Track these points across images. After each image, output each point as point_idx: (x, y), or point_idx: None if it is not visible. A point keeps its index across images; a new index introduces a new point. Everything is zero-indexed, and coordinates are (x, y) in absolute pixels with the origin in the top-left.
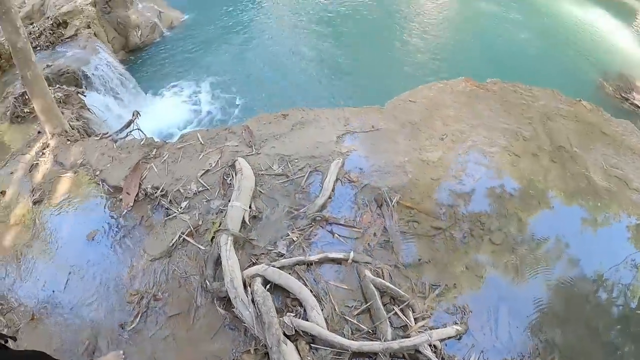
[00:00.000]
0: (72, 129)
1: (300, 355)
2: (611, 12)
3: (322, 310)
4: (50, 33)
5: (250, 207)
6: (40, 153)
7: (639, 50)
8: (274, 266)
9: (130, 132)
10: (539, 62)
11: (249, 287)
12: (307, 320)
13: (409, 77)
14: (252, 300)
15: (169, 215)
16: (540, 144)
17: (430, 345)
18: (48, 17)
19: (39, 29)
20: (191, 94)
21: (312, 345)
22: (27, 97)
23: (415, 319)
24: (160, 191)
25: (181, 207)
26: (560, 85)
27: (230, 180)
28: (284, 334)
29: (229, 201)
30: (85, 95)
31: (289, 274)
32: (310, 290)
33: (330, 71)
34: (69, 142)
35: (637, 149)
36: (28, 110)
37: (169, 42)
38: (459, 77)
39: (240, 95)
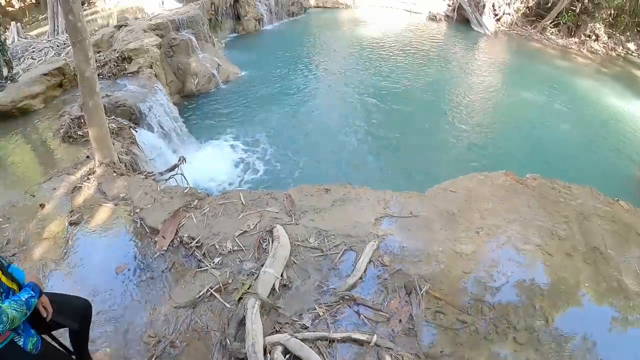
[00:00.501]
0: (120, 161)
1: None
2: None
3: None
4: (114, 65)
5: (282, 275)
6: (86, 178)
7: None
8: (296, 337)
9: (174, 175)
10: (579, 153)
11: (268, 354)
12: None
13: (451, 163)
14: None
15: (201, 267)
16: (574, 244)
17: None
18: (115, 50)
19: (104, 58)
20: (237, 148)
21: None
22: (82, 121)
23: None
24: (196, 242)
25: (214, 262)
26: (599, 177)
27: (266, 245)
28: None
29: (262, 266)
30: (136, 131)
31: (310, 347)
32: None
33: (376, 146)
34: (115, 174)
35: None
36: (81, 134)
37: (223, 94)
38: (499, 170)
39: (286, 157)
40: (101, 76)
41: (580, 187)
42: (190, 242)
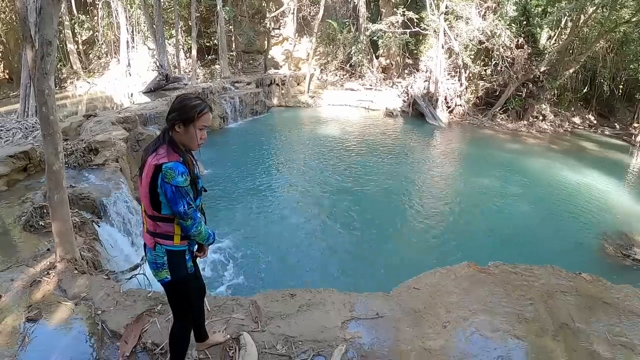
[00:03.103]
0: (82, 258)
1: None
2: (604, 173)
3: None
4: (80, 155)
5: None
6: (46, 272)
7: (633, 206)
8: None
9: (135, 275)
10: (540, 232)
11: None
12: None
13: (415, 257)
14: None
15: None
16: (542, 324)
17: None
18: (82, 140)
19: (71, 148)
20: None
21: None
22: (45, 211)
23: None
24: (160, 349)
25: None
26: (562, 253)
27: (232, 353)
28: None
29: None
30: (99, 226)
31: None
32: None
33: (340, 244)
34: (76, 272)
35: None
36: (43, 224)
37: None
38: (462, 261)
39: (250, 257)
40: (67, 165)
41: (541, 267)
42: (154, 349)
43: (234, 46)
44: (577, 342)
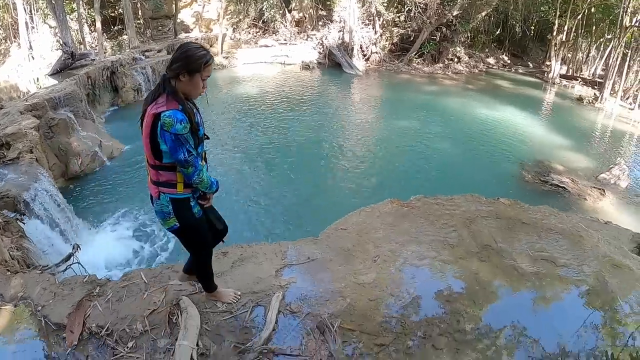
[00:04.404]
0: (12, 258)
1: None
2: (520, 108)
3: None
4: None
5: (197, 344)
6: None
7: (548, 136)
8: None
9: (70, 265)
10: (462, 166)
11: None
12: None
13: (342, 202)
14: None
15: (115, 354)
16: (467, 248)
17: None
18: None
19: None
20: (130, 227)
21: None
22: None
23: None
24: (106, 330)
25: (128, 347)
26: (484, 184)
27: (176, 318)
28: None
29: (176, 340)
30: (24, 223)
31: None
32: None
33: (268, 200)
34: (9, 273)
35: (558, 228)
36: None
37: (109, 172)
38: (385, 199)
39: None
40: None
41: (461, 196)
42: (100, 331)
43: (140, 13)
44: (502, 261)
